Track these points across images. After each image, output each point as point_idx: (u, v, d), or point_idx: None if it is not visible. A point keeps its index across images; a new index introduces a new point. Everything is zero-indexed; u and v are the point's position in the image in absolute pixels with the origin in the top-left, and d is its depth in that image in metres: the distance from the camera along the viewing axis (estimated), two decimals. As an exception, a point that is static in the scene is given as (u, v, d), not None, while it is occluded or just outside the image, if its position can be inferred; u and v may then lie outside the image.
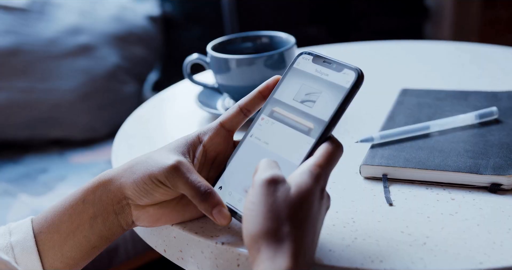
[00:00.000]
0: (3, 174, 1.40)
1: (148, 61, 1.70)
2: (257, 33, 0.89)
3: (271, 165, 0.51)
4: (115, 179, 0.57)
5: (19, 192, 1.31)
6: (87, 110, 1.53)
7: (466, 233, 0.55)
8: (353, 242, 0.55)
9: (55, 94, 1.50)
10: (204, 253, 0.57)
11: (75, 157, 1.49)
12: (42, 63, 1.50)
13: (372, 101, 0.87)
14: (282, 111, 0.56)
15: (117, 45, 1.59)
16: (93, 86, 1.53)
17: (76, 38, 1.54)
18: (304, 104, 0.55)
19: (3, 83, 1.47)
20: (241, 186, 0.56)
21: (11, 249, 0.56)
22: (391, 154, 0.67)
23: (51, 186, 1.34)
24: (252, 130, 0.57)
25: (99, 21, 1.59)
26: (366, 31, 1.97)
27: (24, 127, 1.50)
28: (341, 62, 0.55)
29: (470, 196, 0.61)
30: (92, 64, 1.54)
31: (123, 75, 1.59)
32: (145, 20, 1.68)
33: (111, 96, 1.56)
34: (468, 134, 0.71)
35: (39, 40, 1.51)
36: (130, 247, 1.21)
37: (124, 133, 0.85)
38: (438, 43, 1.18)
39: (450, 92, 0.84)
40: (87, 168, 1.40)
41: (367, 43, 1.18)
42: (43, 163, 1.45)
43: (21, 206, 1.26)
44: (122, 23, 1.62)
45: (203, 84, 0.88)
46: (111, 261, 1.20)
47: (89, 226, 0.57)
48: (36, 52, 1.50)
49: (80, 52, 1.53)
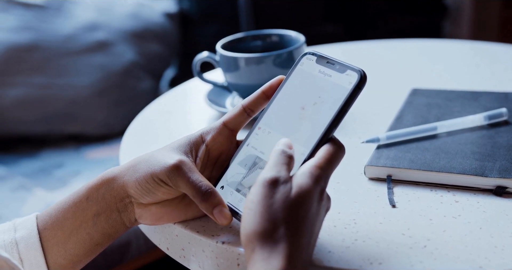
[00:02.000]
0: (20, 168, 1.42)
1: (164, 58, 1.71)
2: (266, 31, 0.89)
3: (278, 162, 0.50)
4: (118, 177, 0.57)
5: (35, 186, 1.33)
6: (103, 106, 1.54)
7: (468, 236, 0.55)
8: (353, 243, 0.55)
9: (72, 90, 1.51)
10: (205, 252, 0.58)
11: (91, 152, 1.50)
12: (59, 59, 1.52)
13: (382, 100, 0.87)
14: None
15: (133, 41, 1.60)
16: (109, 82, 1.55)
17: (93, 34, 1.55)
18: (306, 105, 0.55)
19: (21, 78, 1.49)
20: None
21: (16, 245, 0.57)
22: (397, 155, 0.67)
23: (66, 181, 1.36)
24: (248, 139, 0.57)
25: (116, 18, 1.60)
26: (383, 30, 1.95)
27: (41, 122, 1.52)
28: (344, 63, 0.55)
29: (474, 199, 0.60)
30: (109, 61, 1.55)
31: (139, 72, 1.60)
32: (162, 17, 1.69)
33: (127, 92, 1.58)
34: (476, 136, 0.70)
35: (57, 37, 1.52)
36: (142, 243, 1.22)
37: (133, 130, 0.86)
38: (453, 42, 1.17)
39: (461, 92, 0.83)
40: (102, 163, 1.42)
41: (382, 42, 1.17)
42: (59, 158, 1.47)
43: (36, 200, 1.27)
44: (139, 20, 1.63)
45: (213, 82, 0.89)
46: (123, 257, 1.21)
47: (93, 223, 0.57)
48: (54, 48, 1.51)
49: (97, 48, 1.55)
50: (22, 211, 1.23)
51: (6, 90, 1.48)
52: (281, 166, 0.50)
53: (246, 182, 0.56)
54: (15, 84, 1.49)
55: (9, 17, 1.52)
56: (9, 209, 1.24)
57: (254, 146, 0.57)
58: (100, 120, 1.54)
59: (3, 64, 1.48)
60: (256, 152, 0.56)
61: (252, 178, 0.55)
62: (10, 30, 1.51)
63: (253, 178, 0.55)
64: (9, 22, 1.51)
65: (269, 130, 0.56)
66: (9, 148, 1.52)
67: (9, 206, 1.25)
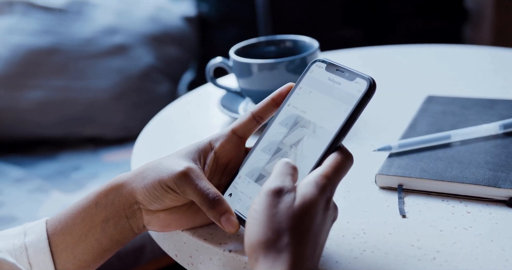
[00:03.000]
0: (38, 170, 1.43)
1: (182, 61, 1.72)
2: (280, 37, 0.89)
3: (282, 172, 0.50)
4: (127, 183, 0.57)
5: (52, 188, 1.34)
6: (121, 109, 1.55)
7: (479, 248, 0.54)
8: (361, 254, 0.54)
9: (90, 93, 1.53)
10: (213, 260, 0.58)
11: (108, 155, 1.51)
12: (79, 62, 1.53)
13: (396, 107, 0.86)
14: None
15: (152, 45, 1.61)
16: (127, 85, 1.56)
17: (112, 38, 1.56)
18: (315, 112, 0.54)
19: (41, 81, 1.51)
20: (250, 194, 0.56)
21: (25, 250, 0.57)
22: (408, 164, 0.66)
23: (83, 183, 1.37)
24: (272, 125, 0.57)
25: (135, 22, 1.61)
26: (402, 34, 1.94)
27: (60, 125, 1.53)
28: (354, 71, 0.54)
29: (486, 210, 0.59)
30: (127, 64, 1.56)
31: (158, 75, 1.61)
32: (181, 21, 1.69)
33: (145, 95, 1.58)
34: (490, 145, 0.69)
35: (76, 40, 1.54)
36: (156, 247, 1.23)
37: (146, 135, 0.86)
38: (472, 48, 1.15)
39: (477, 100, 0.82)
40: (119, 166, 1.43)
41: (399, 47, 1.16)
42: (77, 161, 1.48)
43: (52, 202, 1.28)
44: (158, 24, 1.64)
45: (226, 88, 0.89)
46: (137, 260, 1.22)
47: (101, 229, 0.57)
48: (73, 52, 1.53)
49: (115, 52, 1.56)
50: (38, 213, 1.24)
51: (26, 93, 1.50)
52: (285, 176, 0.50)
53: (270, 167, 0.55)
54: (35, 86, 1.50)
55: (29, 20, 1.54)
56: (26, 211, 1.25)
57: (276, 135, 0.56)
58: (118, 123, 1.55)
59: (23, 67, 1.50)
60: (278, 142, 0.55)
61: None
62: (30, 33, 1.52)
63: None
64: (29, 25, 1.53)
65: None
66: (27, 150, 1.54)
67: (26, 208, 1.26)
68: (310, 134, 0.54)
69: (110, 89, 1.53)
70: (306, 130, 0.54)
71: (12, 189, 1.35)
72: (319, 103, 0.55)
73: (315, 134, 0.53)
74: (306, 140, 0.54)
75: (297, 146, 0.54)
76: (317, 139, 0.53)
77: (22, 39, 1.51)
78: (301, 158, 0.53)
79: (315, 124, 0.54)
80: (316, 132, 0.53)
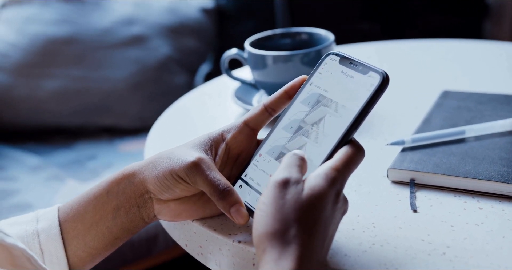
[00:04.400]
0: (55, 159, 1.44)
1: (200, 53, 1.72)
2: (296, 29, 0.89)
3: (290, 164, 0.50)
4: (139, 172, 0.58)
5: (68, 177, 1.35)
6: (138, 99, 1.56)
7: (490, 245, 0.53)
8: (370, 247, 0.54)
9: (108, 83, 1.54)
10: (222, 250, 0.58)
11: (124, 145, 1.52)
12: (96, 52, 1.54)
13: (412, 102, 0.85)
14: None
15: (169, 36, 1.61)
16: (144, 76, 1.56)
17: (130, 28, 1.57)
18: (327, 106, 0.54)
19: (59, 71, 1.52)
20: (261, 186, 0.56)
21: (37, 236, 0.57)
22: (421, 159, 0.65)
23: (98, 172, 1.38)
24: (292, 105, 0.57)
25: (153, 13, 1.61)
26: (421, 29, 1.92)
27: (77, 114, 1.54)
28: (368, 64, 0.54)
29: (499, 206, 0.59)
30: (144, 55, 1.57)
31: (175, 66, 1.61)
32: (199, 12, 1.69)
33: (161, 86, 1.59)
34: (505, 141, 0.68)
35: (94, 30, 1.55)
36: (169, 237, 1.23)
37: (160, 125, 0.86)
38: (490, 44, 1.14)
39: (494, 95, 0.81)
40: (134, 156, 1.43)
41: (417, 41, 1.15)
42: (93, 150, 1.49)
43: (68, 191, 1.30)
44: (176, 15, 1.64)
45: (241, 80, 0.89)
46: (150, 250, 1.22)
47: (112, 217, 0.58)
48: (91, 42, 1.54)
49: (133, 42, 1.56)
50: (54, 200, 1.25)
51: (43, 82, 1.51)
52: (292, 167, 0.50)
53: (291, 146, 0.55)
54: (53, 76, 1.52)
55: (48, 10, 1.55)
56: (42, 198, 1.27)
57: (298, 114, 0.56)
58: (134, 113, 1.56)
59: (41, 56, 1.51)
60: (300, 121, 0.55)
61: (297, 142, 0.55)
62: (49, 23, 1.53)
63: (297, 142, 0.55)
64: (48, 15, 1.54)
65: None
66: (44, 139, 1.55)
67: (42, 196, 1.28)
68: (332, 112, 0.54)
69: (127, 79, 1.54)
70: (328, 109, 0.54)
71: (28, 176, 1.36)
72: (341, 83, 0.54)
73: (337, 112, 0.53)
74: (328, 118, 0.54)
75: (319, 124, 0.54)
76: (339, 117, 0.53)
77: (40, 29, 1.52)
78: (323, 136, 0.53)
79: (337, 103, 0.54)
80: (338, 110, 0.53)
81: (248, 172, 0.57)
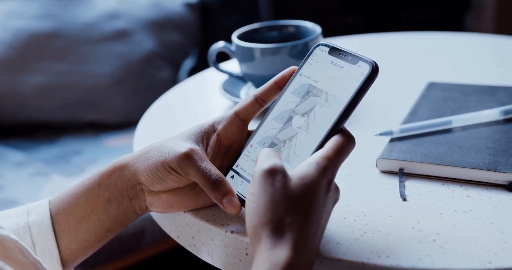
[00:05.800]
0: (39, 154, 1.43)
1: (184, 47, 1.71)
2: (283, 22, 0.89)
3: (270, 155, 0.51)
4: (130, 164, 0.58)
5: (53, 172, 1.34)
6: (122, 94, 1.55)
7: (478, 231, 0.54)
8: (362, 236, 0.55)
9: (92, 78, 1.53)
10: (214, 241, 0.58)
11: (109, 140, 1.51)
12: (80, 47, 1.53)
13: (398, 93, 0.86)
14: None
15: (153, 31, 1.61)
16: (128, 71, 1.55)
17: (114, 23, 1.56)
18: (317, 96, 0.55)
19: (42, 66, 1.51)
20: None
21: (28, 229, 0.57)
22: (409, 149, 0.66)
23: (83, 168, 1.37)
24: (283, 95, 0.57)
25: (137, 7, 1.61)
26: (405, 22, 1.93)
27: (61, 109, 1.53)
28: (357, 54, 0.54)
29: (486, 194, 0.60)
30: (128, 49, 1.56)
31: (159, 61, 1.61)
32: (183, 7, 1.69)
33: (146, 81, 1.58)
34: (491, 131, 0.69)
35: (78, 25, 1.53)
36: (156, 231, 1.23)
37: (147, 120, 0.86)
38: (473, 36, 1.15)
39: (478, 86, 0.82)
40: (120, 151, 1.43)
41: (401, 34, 1.16)
42: (78, 145, 1.48)
43: (53, 186, 1.29)
44: (159, 9, 1.63)
45: (228, 73, 0.89)
46: (137, 244, 1.22)
47: (104, 209, 0.58)
48: (75, 36, 1.53)
49: (117, 37, 1.55)
50: (39, 196, 1.24)
51: (27, 77, 1.50)
52: (273, 157, 0.50)
53: (282, 136, 0.55)
54: (36, 71, 1.50)
55: (31, 4, 1.53)
56: (27, 194, 1.26)
57: (288, 104, 0.56)
58: (119, 108, 1.56)
59: (24, 51, 1.50)
60: (290, 111, 0.56)
61: (288, 132, 0.55)
62: (32, 17, 1.52)
63: (288, 132, 0.55)
64: (31, 9, 1.53)
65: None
66: (28, 134, 1.54)
67: (27, 192, 1.27)
68: (322, 102, 0.54)
69: (111, 74, 1.53)
70: (318, 99, 0.55)
71: (12, 173, 1.35)
72: (330, 73, 0.55)
73: (327, 102, 0.54)
74: (318, 108, 0.54)
75: (309, 114, 0.55)
76: (329, 107, 0.53)
77: (23, 23, 1.51)
78: (313, 126, 0.54)
79: (327, 93, 0.54)
80: (329, 100, 0.54)
81: (240, 162, 0.58)
